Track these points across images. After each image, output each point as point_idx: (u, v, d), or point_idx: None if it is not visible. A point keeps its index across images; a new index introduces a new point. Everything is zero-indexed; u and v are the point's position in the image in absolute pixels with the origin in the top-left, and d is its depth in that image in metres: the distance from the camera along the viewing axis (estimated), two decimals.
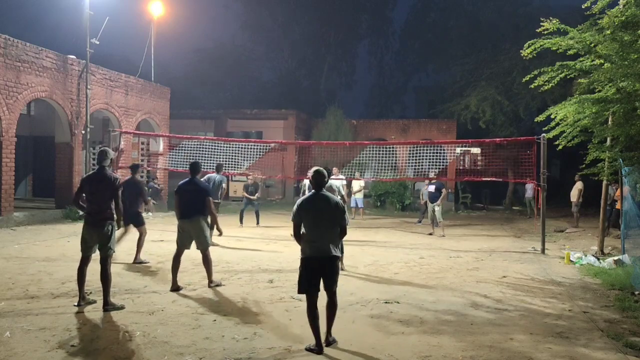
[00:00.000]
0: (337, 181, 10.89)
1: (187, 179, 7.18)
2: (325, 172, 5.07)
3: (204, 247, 7.13)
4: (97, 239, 6.01)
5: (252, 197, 14.90)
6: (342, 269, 8.00)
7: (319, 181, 4.97)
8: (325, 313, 4.95)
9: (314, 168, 5.08)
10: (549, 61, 11.81)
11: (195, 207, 7.01)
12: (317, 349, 4.74)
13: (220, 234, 8.33)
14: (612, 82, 8.81)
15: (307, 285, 4.87)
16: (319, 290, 4.90)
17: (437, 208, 13.64)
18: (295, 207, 4.99)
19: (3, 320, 5.36)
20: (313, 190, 5.02)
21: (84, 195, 6.13)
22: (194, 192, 7.08)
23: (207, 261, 7.15)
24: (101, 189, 6.03)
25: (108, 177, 6.06)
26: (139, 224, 8.88)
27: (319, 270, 4.87)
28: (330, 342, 4.91)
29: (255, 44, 35.93)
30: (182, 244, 7.09)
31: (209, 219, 7.44)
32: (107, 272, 5.96)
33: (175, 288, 6.87)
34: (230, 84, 33.27)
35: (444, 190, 13.94)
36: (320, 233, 4.87)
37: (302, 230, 4.96)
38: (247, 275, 7.97)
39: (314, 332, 4.80)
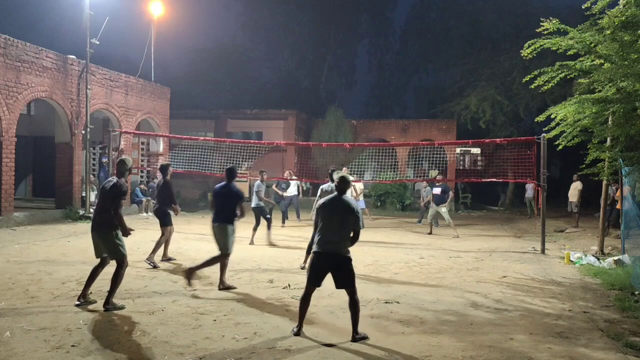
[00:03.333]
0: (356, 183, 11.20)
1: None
2: (349, 179, 5.53)
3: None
4: (101, 244, 6.05)
5: (282, 193, 15.52)
6: None
7: (341, 187, 5.41)
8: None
9: (340, 174, 5.56)
10: (549, 61, 11.82)
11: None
12: (296, 330, 5.20)
13: None
14: (612, 82, 8.81)
15: (310, 276, 5.28)
16: (318, 286, 5.28)
17: (444, 209, 13.76)
18: (316, 206, 5.51)
19: (3, 320, 5.36)
20: (335, 193, 5.43)
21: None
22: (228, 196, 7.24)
23: None
24: (103, 194, 6.10)
25: (110, 183, 6.09)
26: (165, 224, 8.90)
27: (324, 266, 5.19)
28: (356, 338, 5.05)
29: (255, 44, 35.98)
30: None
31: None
32: (120, 274, 5.98)
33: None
34: (230, 84, 33.26)
35: (450, 193, 14.15)
36: (330, 231, 5.19)
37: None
38: (247, 275, 7.97)
39: (299, 316, 5.26)
